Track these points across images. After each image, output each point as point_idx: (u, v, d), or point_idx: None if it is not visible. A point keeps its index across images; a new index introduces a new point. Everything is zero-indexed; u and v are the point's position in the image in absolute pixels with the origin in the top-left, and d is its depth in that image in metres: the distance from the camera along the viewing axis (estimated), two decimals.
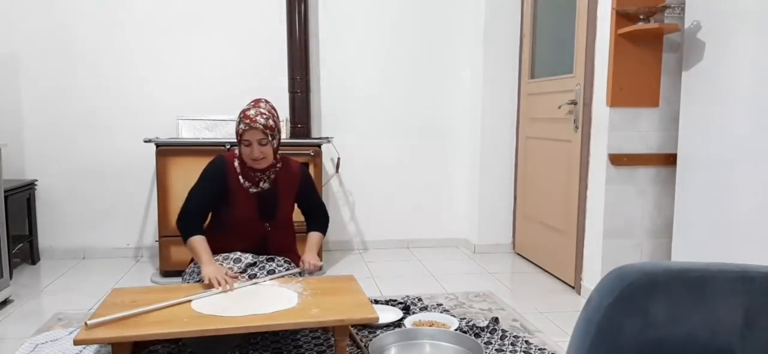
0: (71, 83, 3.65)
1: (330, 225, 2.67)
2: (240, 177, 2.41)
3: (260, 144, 2.30)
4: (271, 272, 2.34)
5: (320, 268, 2.43)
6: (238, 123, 2.33)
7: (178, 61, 3.73)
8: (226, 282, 2.12)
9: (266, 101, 2.42)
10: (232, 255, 2.37)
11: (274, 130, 2.35)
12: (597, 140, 2.89)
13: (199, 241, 2.29)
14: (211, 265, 2.20)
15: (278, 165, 2.46)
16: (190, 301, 2.00)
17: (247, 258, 2.37)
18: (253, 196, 2.42)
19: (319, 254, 2.59)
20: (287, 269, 2.39)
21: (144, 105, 3.71)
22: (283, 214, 2.49)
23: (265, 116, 2.32)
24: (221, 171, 2.41)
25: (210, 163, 2.45)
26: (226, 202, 2.41)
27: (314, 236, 2.56)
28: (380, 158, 4.04)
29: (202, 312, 1.92)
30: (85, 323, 1.78)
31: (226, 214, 2.42)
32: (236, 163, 2.42)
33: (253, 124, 2.28)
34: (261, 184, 2.42)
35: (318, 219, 2.62)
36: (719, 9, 2.31)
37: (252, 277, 2.30)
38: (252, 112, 2.32)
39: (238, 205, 2.40)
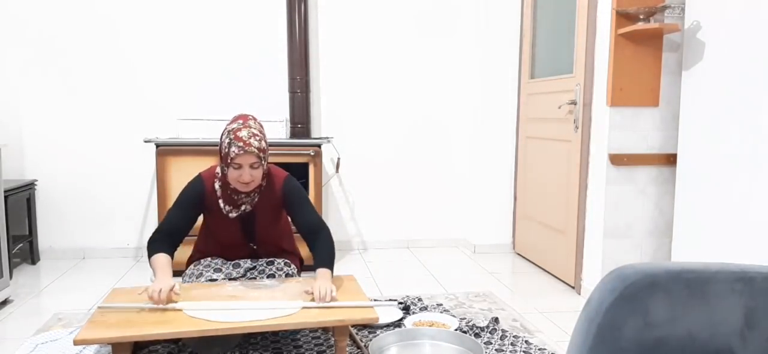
0: (71, 83, 3.65)
1: (330, 225, 2.60)
2: (220, 201, 2.26)
3: (252, 168, 2.15)
4: (271, 276, 2.33)
5: (334, 298, 2.04)
6: (229, 145, 2.13)
7: (178, 61, 3.73)
8: (160, 300, 1.93)
9: (253, 118, 2.24)
10: (230, 262, 2.36)
11: (266, 152, 2.21)
12: (597, 140, 2.89)
13: (157, 259, 2.11)
14: (157, 283, 1.98)
15: (263, 183, 2.28)
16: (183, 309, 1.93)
17: (247, 262, 2.36)
18: (234, 221, 2.30)
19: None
20: (287, 273, 2.37)
21: (144, 105, 3.72)
22: (263, 236, 2.37)
23: (257, 138, 2.15)
24: (199, 196, 2.26)
25: (188, 185, 2.29)
26: (209, 225, 2.35)
27: (321, 272, 2.16)
28: (380, 158, 4.04)
29: (195, 317, 1.87)
30: (98, 307, 1.83)
31: (211, 235, 2.37)
32: (217, 186, 2.27)
33: (247, 148, 2.11)
34: (242, 207, 2.27)
35: (318, 247, 2.24)
36: (719, 9, 2.31)
37: (252, 279, 2.30)
38: (244, 133, 2.13)
39: (220, 230, 2.32)
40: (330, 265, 2.21)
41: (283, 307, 1.96)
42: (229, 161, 2.15)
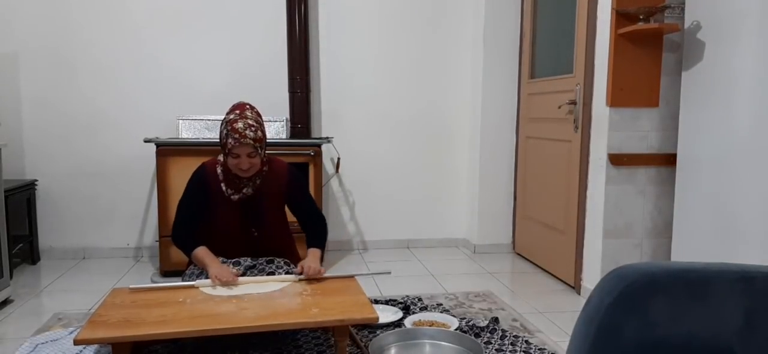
0: (71, 83, 3.65)
1: (330, 225, 2.64)
2: (222, 184, 2.35)
3: (250, 157, 2.25)
4: (271, 274, 2.34)
5: (321, 274, 2.28)
6: (226, 136, 2.25)
7: (178, 60, 3.73)
8: (230, 281, 2.18)
9: (251, 107, 2.34)
10: (231, 260, 2.36)
11: (263, 141, 2.29)
12: (597, 140, 2.89)
13: (201, 251, 2.31)
14: (216, 266, 2.23)
15: (264, 169, 2.39)
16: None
17: (247, 261, 2.36)
18: (235, 204, 2.37)
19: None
20: (287, 271, 2.37)
21: (144, 105, 3.71)
22: (270, 220, 2.43)
23: (253, 129, 2.25)
24: (202, 181, 2.36)
25: (193, 175, 2.40)
26: (208, 211, 2.38)
27: (312, 251, 2.42)
28: (380, 158, 4.04)
29: (207, 292, 2.10)
30: (129, 288, 2.08)
31: (208, 223, 2.38)
32: (219, 170, 2.37)
33: (242, 139, 2.21)
34: (244, 190, 2.36)
35: (314, 232, 2.48)
36: (719, 9, 2.31)
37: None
38: (240, 125, 2.24)
39: (220, 214, 2.36)
40: (321, 246, 2.46)
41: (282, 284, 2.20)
42: (227, 151, 2.27)
